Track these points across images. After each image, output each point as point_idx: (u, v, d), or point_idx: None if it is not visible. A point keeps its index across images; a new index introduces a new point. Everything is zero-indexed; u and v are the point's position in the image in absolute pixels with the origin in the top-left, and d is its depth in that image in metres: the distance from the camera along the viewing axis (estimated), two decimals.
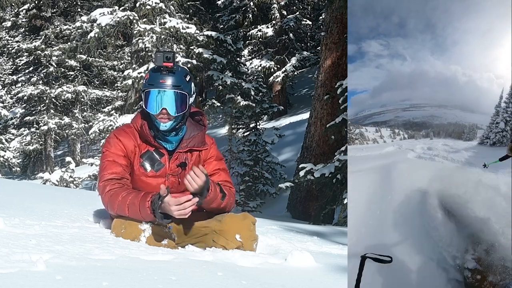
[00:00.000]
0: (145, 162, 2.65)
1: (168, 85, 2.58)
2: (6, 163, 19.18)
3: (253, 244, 2.57)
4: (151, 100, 2.58)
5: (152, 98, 2.58)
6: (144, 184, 2.65)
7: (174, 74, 2.60)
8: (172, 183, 2.67)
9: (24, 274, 1.56)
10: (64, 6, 22.24)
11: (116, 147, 2.64)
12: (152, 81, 2.60)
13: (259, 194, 13.26)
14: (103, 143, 2.82)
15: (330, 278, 2.12)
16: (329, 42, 9.61)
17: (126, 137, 2.67)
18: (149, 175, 2.65)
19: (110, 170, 2.60)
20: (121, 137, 2.67)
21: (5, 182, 6.14)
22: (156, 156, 2.65)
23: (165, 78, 2.58)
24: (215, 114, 16.75)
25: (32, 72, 21.29)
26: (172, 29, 13.56)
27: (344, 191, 7.45)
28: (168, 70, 2.59)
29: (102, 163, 2.65)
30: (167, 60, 2.58)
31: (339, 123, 7.87)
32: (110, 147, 2.66)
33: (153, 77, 2.61)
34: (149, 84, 2.60)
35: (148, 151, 2.66)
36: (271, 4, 18.33)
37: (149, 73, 2.66)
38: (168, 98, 2.57)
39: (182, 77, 2.62)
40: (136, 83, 13.34)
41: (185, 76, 2.64)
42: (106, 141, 2.71)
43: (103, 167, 2.64)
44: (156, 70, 2.61)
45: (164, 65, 2.58)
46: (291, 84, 20.38)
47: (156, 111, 2.58)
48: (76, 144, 21.91)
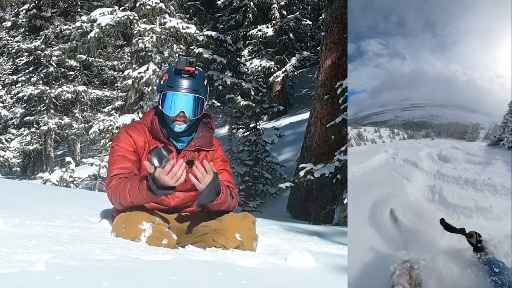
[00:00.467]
0: (153, 158, 2.67)
1: (188, 89, 2.62)
2: (6, 163, 19.19)
3: (253, 244, 2.57)
4: (169, 102, 2.62)
5: (170, 100, 2.62)
6: None
7: (194, 78, 2.64)
8: None
9: (24, 274, 1.56)
10: (64, 6, 22.26)
11: (126, 142, 2.68)
12: (171, 83, 2.63)
13: (259, 194, 13.26)
14: (112, 138, 2.84)
15: (330, 278, 2.12)
16: (329, 42, 9.62)
17: (136, 133, 2.70)
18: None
19: (119, 165, 2.64)
20: (132, 133, 2.70)
21: (5, 182, 6.14)
22: (164, 153, 2.68)
23: (185, 82, 2.62)
24: (215, 114, 16.74)
25: (32, 72, 21.30)
26: (172, 29, 13.57)
27: (344, 191, 7.45)
28: (189, 74, 2.63)
29: (112, 158, 2.68)
30: (190, 64, 2.62)
31: (339, 123, 7.87)
32: (120, 141, 2.69)
33: (173, 80, 2.64)
34: (169, 86, 2.63)
35: (156, 147, 2.68)
36: (271, 4, 18.34)
37: (167, 74, 2.68)
38: (187, 101, 2.61)
39: (201, 82, 2.66)
40: (136, 83, 13.35)
41: (203, 80, 2.69)
42: (116, 136, 2.74)
43: (112, 161, 2.67)
44: (177, 72, 2.64)
45: (186, 69, 2.62)
46: (291, 84, 20.38)
47: (174, 113, 2.62)
48: (76, 144, 21.92)
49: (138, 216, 2.48)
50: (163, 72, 2.73)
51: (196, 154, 2.73)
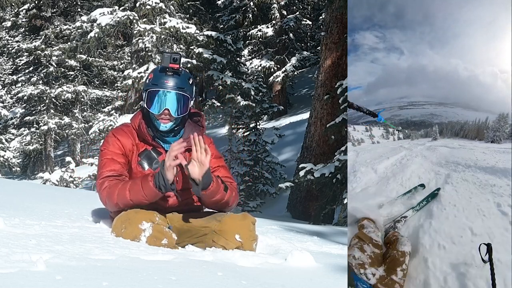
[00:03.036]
0: (142, 160, 2.69)
1: (172, 86, 2.62)
2: (6, 163, 19.20)
3: (253, 244, 2.57)
4: (154, 100, 2.63)
5: (155, 98, 2.62)
6: None
7: (179, 76, 2.65)
8: None
9: (24, 274, 1.56)
10: (64, 6, 22.24)
11: (114, 146, 2.68)
12: (156, 81, 2.64)
13: (259, 194, 13.26)
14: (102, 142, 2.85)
15: (330, 278, 2.12)
16: (329, 42, 9.62)
17: (124, 136, 2.71)
18: (146, 174, 2.66)
19: (109, 168, 2.64)
20: (119, 136, 2.70)
21: (5, 182, 6.14)
22: (153, 155, 2.69)
23: (170, 79, 2.63)
24: (215, 114, 16.73)
25: (32, 72, 21.29)
26: (172, 29, 13.57)
27: (344, 191, 7.45)
28: (174, 71, 2.64)
29: (101, 161, 2.69)
30: (174, 61, 2.63)
31: (339, 123, 7.87)
32: (108, 145, 2.70)
33: (157, 77, 2.65)
34: (153, 84, 2.64)
35: (146, 150, 2.69)
36: (271, 4, 18.33)
37: (153, 73, 2.69)
38: (171, 99, 2.61)
39: (186, 80, 2.67)
40: (136, 83, 13.35)
41: (189, 79, 2.69)
42: (104, 140, 2.75)
43: (101, 165, 2.67)
44: (161, 70, 2.65)
45: (170, 66, 2.63)
46: (291, 84, 20.37)
47: (158, 111, 2.62)
48: (76, 144, 21.90)
49: (138, 216, 2.48)
50: (149, 72, 2.74)
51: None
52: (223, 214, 2.64)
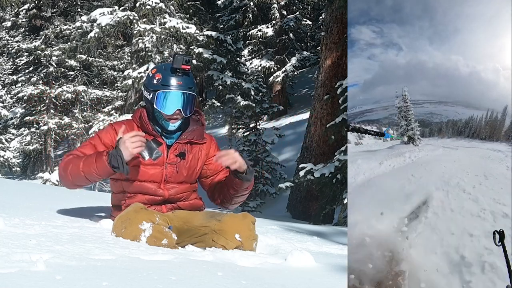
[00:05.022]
0: (143, 150, 2.69)
1: (184, 87, 2.67)
2: (6, 163, 19.19)
3: (253, 244, 2.57)
4: (165, 100, 2.66)
5: (167, 99, 2.66)
6: (141, 172, 2.70)
7: (188, 76, 2.71)
8: (170, 173, 2.74)
9: (24, 274, 1.56)
10: (64, 6, 22.22)
11: (106, 136, 2.73)
12: (167, 82, 2.67)
13: (259, 194, 13.26)
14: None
15: (330, 278, 2.12)
16: (329, 42, 9.62)
17: (122, 129, 2.72)
18: (146, 164, 2.70)
19: (84, 150, 2.70)
20: (117, 127, 2.73)
21: (5, 182, 6.15)
22: (154, 145, 2.70)
23: (181, 80, 2.68)
24: (215, 114, 16.75)
25: (32, 72, 21.27)
26: (172, 29, 13.57)
27: (344, 191, 7.46)
28: (184, 72, 2.68)
29: (84, 142, 2.78)
30: (187, 63, 2.67)
31: (339, 123, 7.87)
32: (101, 133, 2.76)
33: (168, 79, 2.68)
34: (163, 85, 2.67)
35: (146, 140, 2.69)
36: (271, 4, 18.33)
37: (161, 73, 2.70)
38: (183, 99, 2.66)
39: (193, 79, 2.74)
40: (136, 83, 13.35)
41: (194, 78, 2.77)
42: (103, 128, 2.78)
43: (82, 144, 2.78)
44: (172, 71, 2.68)
45: (182, 68, 2.66)
46: (291, 84, 20.37)
47: (171, 112, 2.66)
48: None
49: (138, 216, 2.48)
50: (153, 72, 2.74)
51: (189, 146, 2.78)
52: (223, 214, 2.65)
